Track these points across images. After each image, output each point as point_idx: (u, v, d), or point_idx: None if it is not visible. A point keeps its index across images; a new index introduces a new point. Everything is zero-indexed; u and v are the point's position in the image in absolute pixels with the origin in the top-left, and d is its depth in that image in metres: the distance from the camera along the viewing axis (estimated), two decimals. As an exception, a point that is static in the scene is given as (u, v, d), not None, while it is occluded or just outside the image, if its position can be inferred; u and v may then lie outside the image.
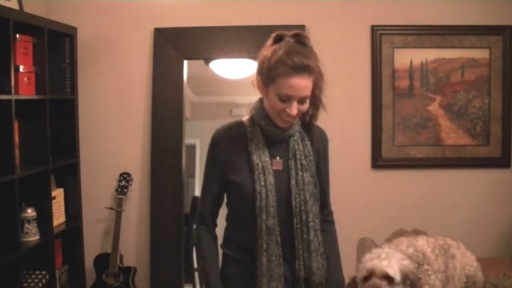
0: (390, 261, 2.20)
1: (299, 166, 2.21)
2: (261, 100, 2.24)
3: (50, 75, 3.52)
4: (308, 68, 2.07)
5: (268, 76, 2.11)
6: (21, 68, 3.27)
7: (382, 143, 4.04)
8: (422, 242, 2.41)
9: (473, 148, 4.04)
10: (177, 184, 4.03)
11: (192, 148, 4.39)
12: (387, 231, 3.33)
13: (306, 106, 2.13)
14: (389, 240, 2.99)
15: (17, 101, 3.14)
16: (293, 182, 2.20)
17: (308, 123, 2.28)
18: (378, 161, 4.06)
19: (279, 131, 2.21)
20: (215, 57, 4.09)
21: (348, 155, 4.04)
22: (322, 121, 2.30)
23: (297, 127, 2.25)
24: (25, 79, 3.32)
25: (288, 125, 2.19)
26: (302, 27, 3.94)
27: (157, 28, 4.04)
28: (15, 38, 3.23)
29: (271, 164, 2.20)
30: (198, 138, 4.43)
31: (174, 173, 4.03)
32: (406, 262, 2.22)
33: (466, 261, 2.45)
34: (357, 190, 4.08)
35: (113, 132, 4.14)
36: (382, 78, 4.01)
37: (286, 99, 2.08)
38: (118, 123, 4.13)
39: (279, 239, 2.17)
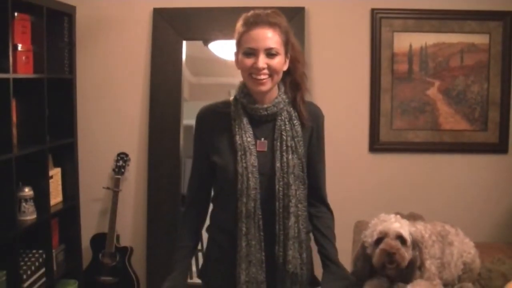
0: (402, 224, 2.18)
1: (284, 148, 2.11)
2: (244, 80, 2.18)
3: (48, 54, 3.51)
4: (267, 19, 2.06)
5: (236, 43, 2.12)
6: (19, 47, 3.25)
7: (380, 126, 4.04)
8: (419, 228, 2.41)
9: (471, 133, 4.04)
10: (174, 164, 4.03)
11: (189, 129, 4.37)
12: (384, 214, 3.33)
13: (277, 61, 2.07)
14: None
15: (15, 79, 3.14)
16: (278, 164, 2.10)
17: (296, 102, 2.18)
18: (376, 145, 4.06)
19: (262, 109, 2.13)
20: (214, 38, 4.07)
21: (345, 138, 4.04)
22: (320, 103, 2.29)
23: (282, 105, 2.15)
24: (23, 57, 3.31)
25: (263, 88, 2.08)
26: (302, 9, 3.92)
27: (156, 8, 4.01)
28: (14, 16, 3.21)
29: (255, 145, 2.12)
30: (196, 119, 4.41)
31: (171, 153, 4.03)
32: (414, 229, 2.22)
33: (464, 248, 2.43)
34: (354, 174, 4.08)
35: (111, 112, 4.13)
36: (381, 61, 3.99)
37: (251, 52, 2.05)
38: (116, 103, 4.12)
39: (260, 223, 2.10)
